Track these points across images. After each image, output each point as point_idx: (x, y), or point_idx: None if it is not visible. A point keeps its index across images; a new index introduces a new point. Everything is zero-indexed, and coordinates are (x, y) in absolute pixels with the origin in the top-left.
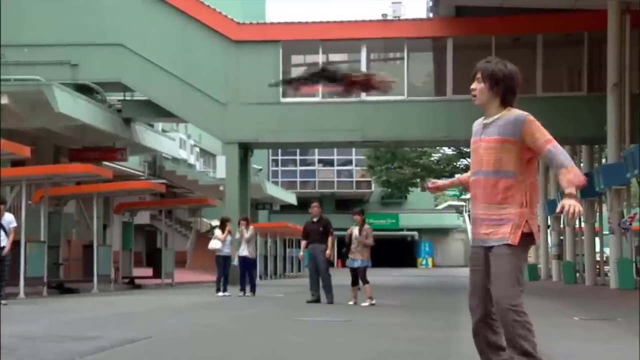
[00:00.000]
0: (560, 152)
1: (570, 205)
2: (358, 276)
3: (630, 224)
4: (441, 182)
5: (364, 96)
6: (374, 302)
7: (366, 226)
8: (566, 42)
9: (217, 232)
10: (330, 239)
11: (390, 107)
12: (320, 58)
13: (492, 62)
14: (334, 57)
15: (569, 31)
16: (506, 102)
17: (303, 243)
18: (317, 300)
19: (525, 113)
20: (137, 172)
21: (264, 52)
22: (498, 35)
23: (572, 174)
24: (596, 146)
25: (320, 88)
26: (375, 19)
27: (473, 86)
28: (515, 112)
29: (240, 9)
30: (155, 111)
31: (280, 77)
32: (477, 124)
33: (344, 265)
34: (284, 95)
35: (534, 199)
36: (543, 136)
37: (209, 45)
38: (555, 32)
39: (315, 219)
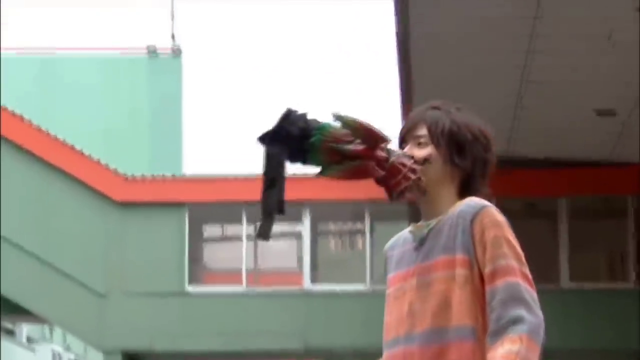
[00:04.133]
0: (517, 300)
1: None
2: None
3: None
4: None
5: (307, 284)
6: None
7: None
8: (601, 211)
9: None
10: None
11: (347, 300)
12: (244, 229)
13: (444, 108)
14: None
15: (605, 194)
16: (471, 190)
17: None
18: None
19: (484, 202)
20: None
21: (162, 220)
22: (503, 197)
23: (506, 350)
24: None
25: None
26: None
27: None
28: (465, 202)
29: (147, 162)
30: (10, 309)
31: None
32: (398, 240)
33: None
34: (192, 281)
35: None
36: (501, 257)
37: (82, 209)
38: (585, 196)
39: None
